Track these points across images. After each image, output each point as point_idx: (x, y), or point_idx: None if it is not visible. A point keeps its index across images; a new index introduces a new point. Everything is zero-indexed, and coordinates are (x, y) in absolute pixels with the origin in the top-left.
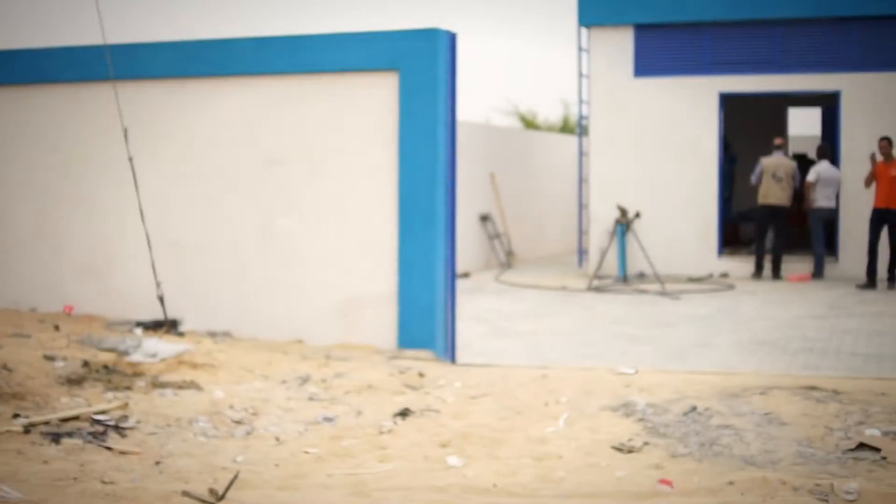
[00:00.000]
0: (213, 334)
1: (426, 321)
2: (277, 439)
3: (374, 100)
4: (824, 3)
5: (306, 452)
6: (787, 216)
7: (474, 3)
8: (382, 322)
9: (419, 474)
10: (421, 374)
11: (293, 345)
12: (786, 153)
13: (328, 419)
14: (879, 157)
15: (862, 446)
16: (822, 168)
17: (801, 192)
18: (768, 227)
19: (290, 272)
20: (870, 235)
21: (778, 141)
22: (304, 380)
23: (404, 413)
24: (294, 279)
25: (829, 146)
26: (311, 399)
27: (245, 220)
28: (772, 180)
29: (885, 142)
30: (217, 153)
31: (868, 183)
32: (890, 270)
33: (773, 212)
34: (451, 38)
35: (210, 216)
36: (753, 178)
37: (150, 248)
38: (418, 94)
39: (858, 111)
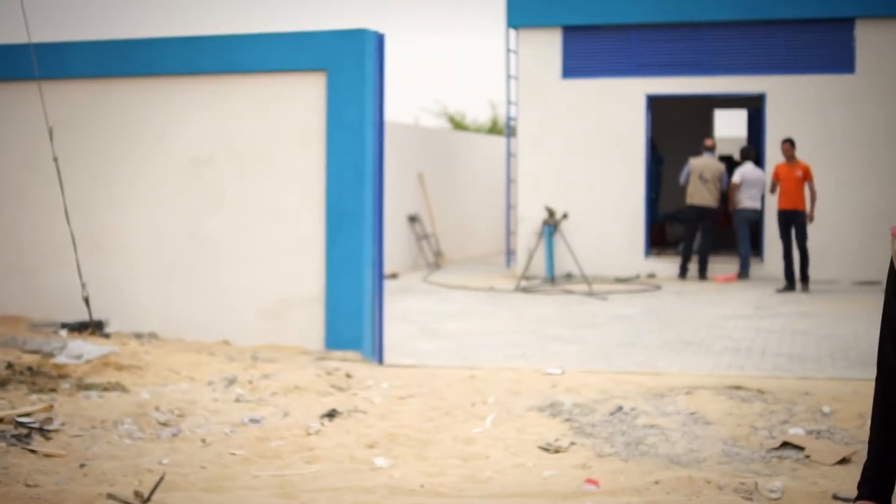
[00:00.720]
0: (139, 336)
1: (354, 322)
2: (204, 441)
3: (302, 100)
4: (750, 6)
5: (233, 454)
6: (713, 217)
7: (403, 4)
8: (310, 323)
9: (346, 475)
10: (348, 375)
11: (220, 346)
12: (715, 155)
13: (255, 420)
14: (782, 160)
15: (786, 445)
16: (746, 170)
17: (727, 194)
18: (695, 227)
19: (217, 273)
20: (781, 239)
21: (708, 143)
22: (231, 381)
23: (331, 414)
24: (221, 280)
25: (754, 148)
26: (237, 400)
27: (172, 221)
28: (698, 181)
29: (787, 144)
30: (145, 153)
31: (773, 189)
32: (802, 272)
33: (699, 213)
34: (379, 39)
35: (137, 216)
36: (682, 179)
37: (75, 248)
38: (346, 95)
39: (783, 113)
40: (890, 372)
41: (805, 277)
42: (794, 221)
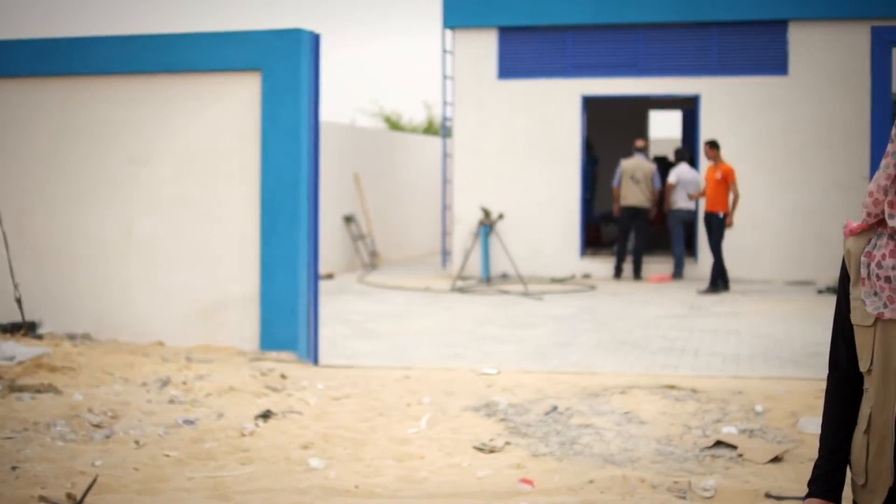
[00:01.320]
0: (72, 337)
1: (289, 323)
2: (137, 443)
3: (238, 100)
4: (684, 8)
5: (167, 455)
6: (647, 218)
7: (340, 4)
8: (245, 324)
9: (281, 476)
10: (283, 376)
11: (154, 347)
12: (647, 156)
13: (189, 422)
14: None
15: (719, 444)
16: (681, 170)
17: (661, 194)
18: (629, 228)
19: (151, 273)
20: (709, 240)
21: (639, 143)
22: (165, 382)
23: (266, 415)
24: (156, 280)
25: (688, 149)
26: (171, 402)
27: (107, 221)
28: (630, 182)
29: (707, 146)
30: (80, 153)
31: (705, 192)
32: (712, 274)
33: (633, 213)
34: (314, 39)
35: (72, 217)
36: (615, 182)
37: (7, 248)
38: (281, 95)
39: (717, 114)
40: (842, 370)
41: (714, 280)
42: (708, 223)
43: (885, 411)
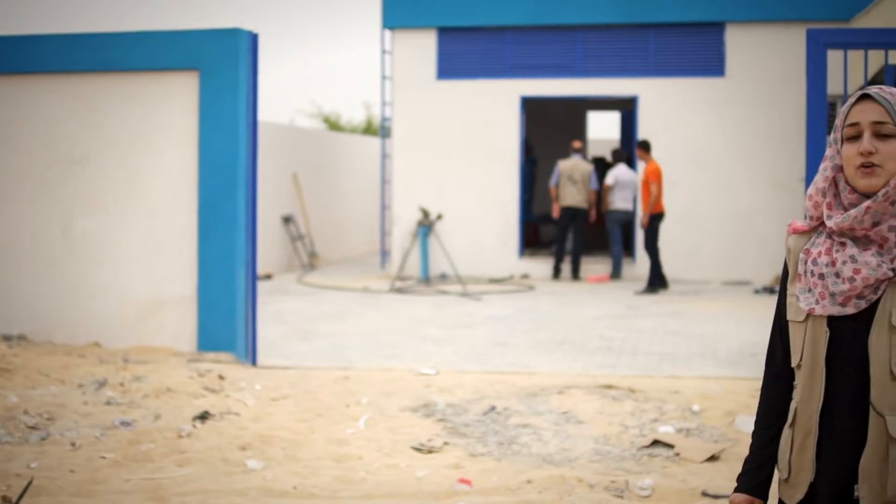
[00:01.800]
0: (7, 338)
1: (226, 323)
2: (73, 445)
3: (176, 99)
4: (622, 9)
5: (103, 458)
6: (585, 218)
7: (279, 4)
8: (182, 324)
9: (218, 478)
10: (221, 377)
11: (91, 348)
12: (584, 156)
13: (126, 423)
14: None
15: (656, 443)
16: (619, 171)
17: (599, 195)
18: (567, 228)
19: (89, 273)
20: (644, 240)
21: (576, 144)
22: (102, 384)
23: (204, 416)
24: (93, 281)
25: (626, 150)
26: (108, 403)
27: (44, 221)
28: (568, 183)
29: (638, 146)
30: (20, 152)
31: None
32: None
33: (571, 214)
34: (253, 39)
35: (7, 216)
36: (552, 182)
37: None
38: (219, 94)
39: (655, 115)
40: (777, 366)
41: (651, 281)
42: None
43: (811, 406)
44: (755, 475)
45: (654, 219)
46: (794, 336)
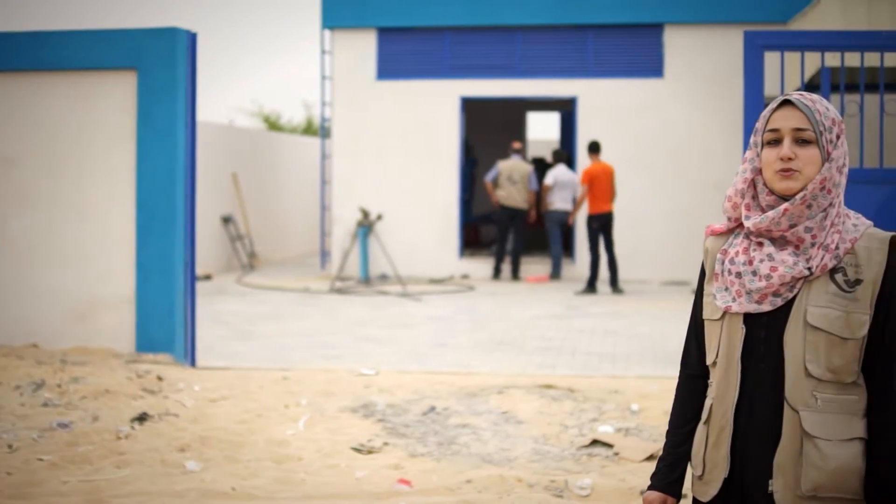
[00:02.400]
0: None
1: (165, 324)
2: (10, 447)
3: (113, 99)
4: (562, 10)
5: (40, 459)
6: (524, 218)
7: (219, 4)
8: (120, 325)
9: (156, 479)
10: (160, 378)
11: (28, 349)
12: (524, 157)
13: (63, 425)
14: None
15: (595, 443)
16: (558, 172)
17: (539, 196)
18: (507, 228)
19: (24, 274)
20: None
21: (516, 145)
22: (39, 385)
23: (142, 418)
24: (29, 281)
25: (566, 150)
26: (45, 405)
27: None
28: (508, 183)
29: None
30: None
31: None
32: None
33: (510, 214)
34: (191, 38)
35: None
36: (488, 177)
37: None
38: (157, 94)
39: (594, 116)
40: (691, 366)
41: (615, 283)
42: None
43: (725, 402)
44: (668, 473)
45: (592, 220)
46: (709, 334)
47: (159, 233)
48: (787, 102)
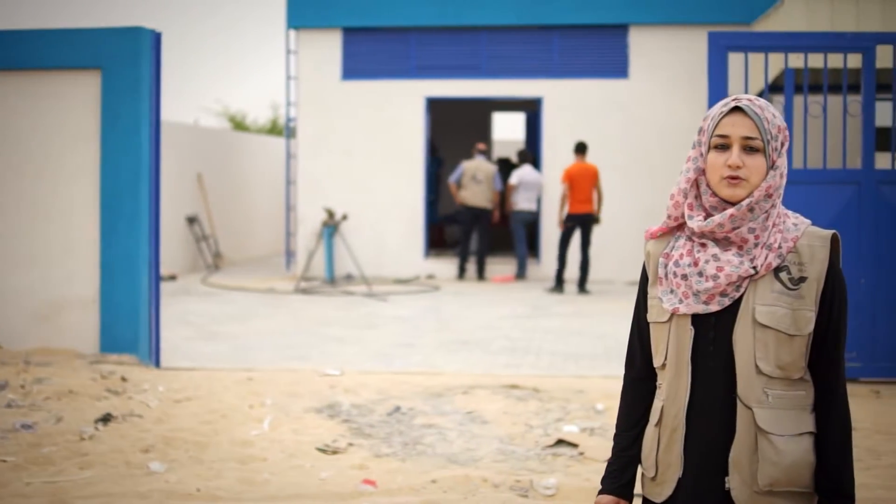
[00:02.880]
0: None
1: (130, 325)
2: None
3: (77, 98)
4: (527, 11)
5: (4, 461)
6: (489, 218)
7: (184, 4)
8: (85, 326)
9: (120, 480)
10: (124, 379)
11: None
12: (488, 157)
13: (27, 426)
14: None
15: (560, 442)
16: (523, 172)
17: (503, 196)
18: (472, 229)
19: None
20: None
21: (480, 146)
22: (2, 386)
23: (106, 418)
24: None
25: (531, 151)
26: (9, 406)
27: None
28: (472, 183)
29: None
30: None
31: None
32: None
33: (475, 214)
34: (156, 38)
35: None
36: (452, 178)
37: None
38: (122, 94)
39: (559, 117)
40: (637, 371)
41: (583, 284)
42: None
43: (677, 403)
44: (619, 476)
45: (567, 219)
46: (657, 338)
47: (124, 233)
48: (737, 108)
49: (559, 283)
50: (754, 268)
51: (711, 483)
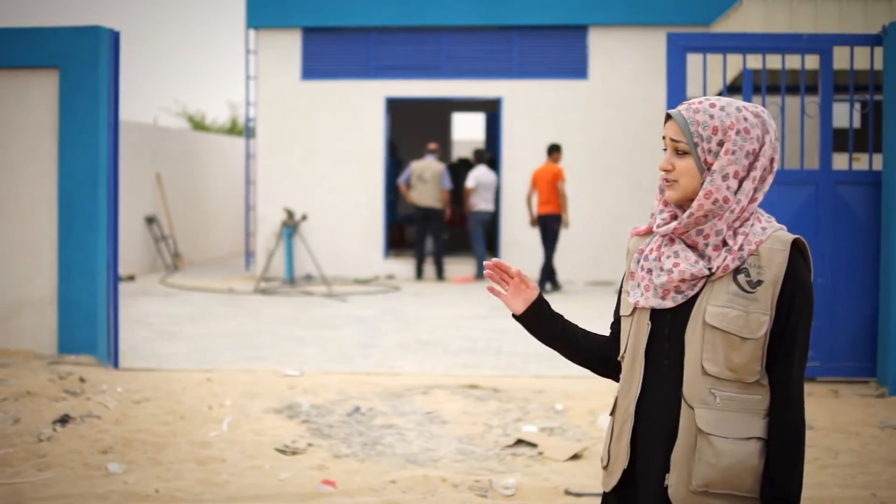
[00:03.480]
0: None
1: (88, 325)
2: None
3: (35, 98)
4: (486, 11)
5: None
6: (440, 218)
7: (142, 3)
8: (42, 326)
9: (79, 482)
10: (82, 380)
11: None
12: (440, 158)
13: None
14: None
15: (520, 442)
16: (480, 173)
17: (456, 195)
18: (425, 229)
19: None
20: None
21: (431, 146)
22: None
23: (64, 420)
24: None
25: (488, 151)
26: None
27: None
28: (418, 182)
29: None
30: None
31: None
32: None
33: (424, 214)
34: (115, 37)
35: None
36: (401, 179)
37: None
38: (80, 93)
39: (519, 117)
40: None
41: (542, 280)
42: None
43: (629, 396)
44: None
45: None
46: (623, 331)
47: (82, 233)
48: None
49: (552, 280)
50: (710, 268)
51: (653, 479)
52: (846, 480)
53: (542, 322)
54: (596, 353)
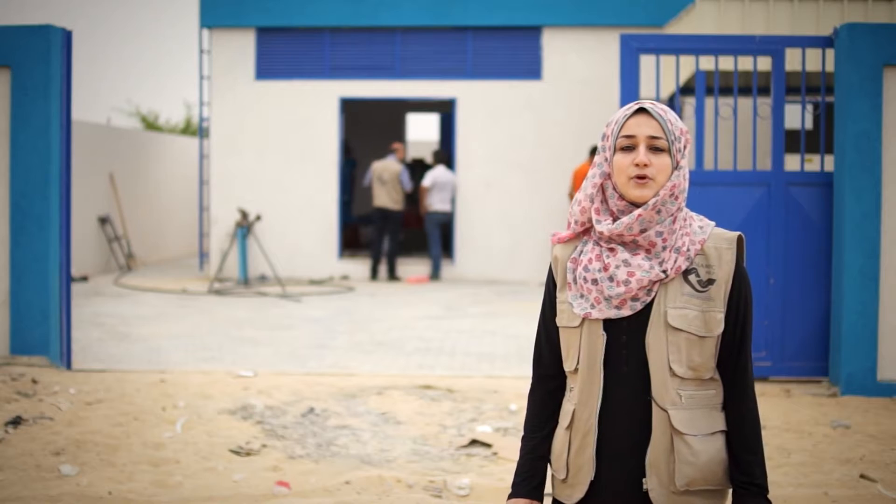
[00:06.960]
0: None
1: (40, 326)
2: None
3: None
4: (441, 12)
5: None
6: (398, 219)
7: (95, 2)
8: None
9: (31, 484)
10: (34, 381)
11: None
12: (401, 158)
13: None
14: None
15: (474, 443)
16: (437, 173)
17: (416, 196)
18: (382, 229)
19: None
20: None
21: (394, 146)
22: None
23: (16, 421)
24: None
25: (445, 151)
26: None
27: None
28: (377, 183)
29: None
30: None
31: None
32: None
33: (382, 214)
34: (67, 36)
35: None
36: (365, 182)
37: None
38: (31, 93)
39: (473, 117)
40: (544, 368)
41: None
42: None
43: (589, 407)
44: (530, 479)
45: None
46: (568, 342)
47: (33, 233)
48: (641, 110)
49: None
50: (664, 271)
51: (628, 485)
52: (799, 479)
53: (543, 483)
54: (556, 407)
